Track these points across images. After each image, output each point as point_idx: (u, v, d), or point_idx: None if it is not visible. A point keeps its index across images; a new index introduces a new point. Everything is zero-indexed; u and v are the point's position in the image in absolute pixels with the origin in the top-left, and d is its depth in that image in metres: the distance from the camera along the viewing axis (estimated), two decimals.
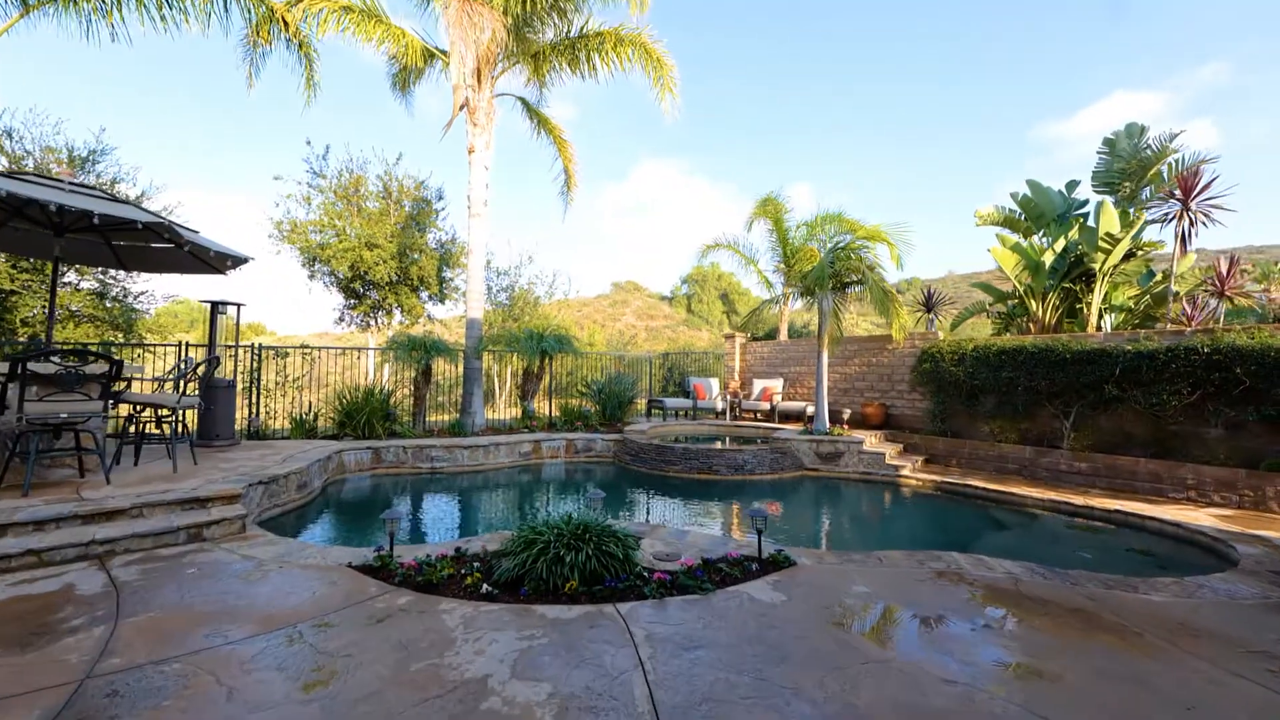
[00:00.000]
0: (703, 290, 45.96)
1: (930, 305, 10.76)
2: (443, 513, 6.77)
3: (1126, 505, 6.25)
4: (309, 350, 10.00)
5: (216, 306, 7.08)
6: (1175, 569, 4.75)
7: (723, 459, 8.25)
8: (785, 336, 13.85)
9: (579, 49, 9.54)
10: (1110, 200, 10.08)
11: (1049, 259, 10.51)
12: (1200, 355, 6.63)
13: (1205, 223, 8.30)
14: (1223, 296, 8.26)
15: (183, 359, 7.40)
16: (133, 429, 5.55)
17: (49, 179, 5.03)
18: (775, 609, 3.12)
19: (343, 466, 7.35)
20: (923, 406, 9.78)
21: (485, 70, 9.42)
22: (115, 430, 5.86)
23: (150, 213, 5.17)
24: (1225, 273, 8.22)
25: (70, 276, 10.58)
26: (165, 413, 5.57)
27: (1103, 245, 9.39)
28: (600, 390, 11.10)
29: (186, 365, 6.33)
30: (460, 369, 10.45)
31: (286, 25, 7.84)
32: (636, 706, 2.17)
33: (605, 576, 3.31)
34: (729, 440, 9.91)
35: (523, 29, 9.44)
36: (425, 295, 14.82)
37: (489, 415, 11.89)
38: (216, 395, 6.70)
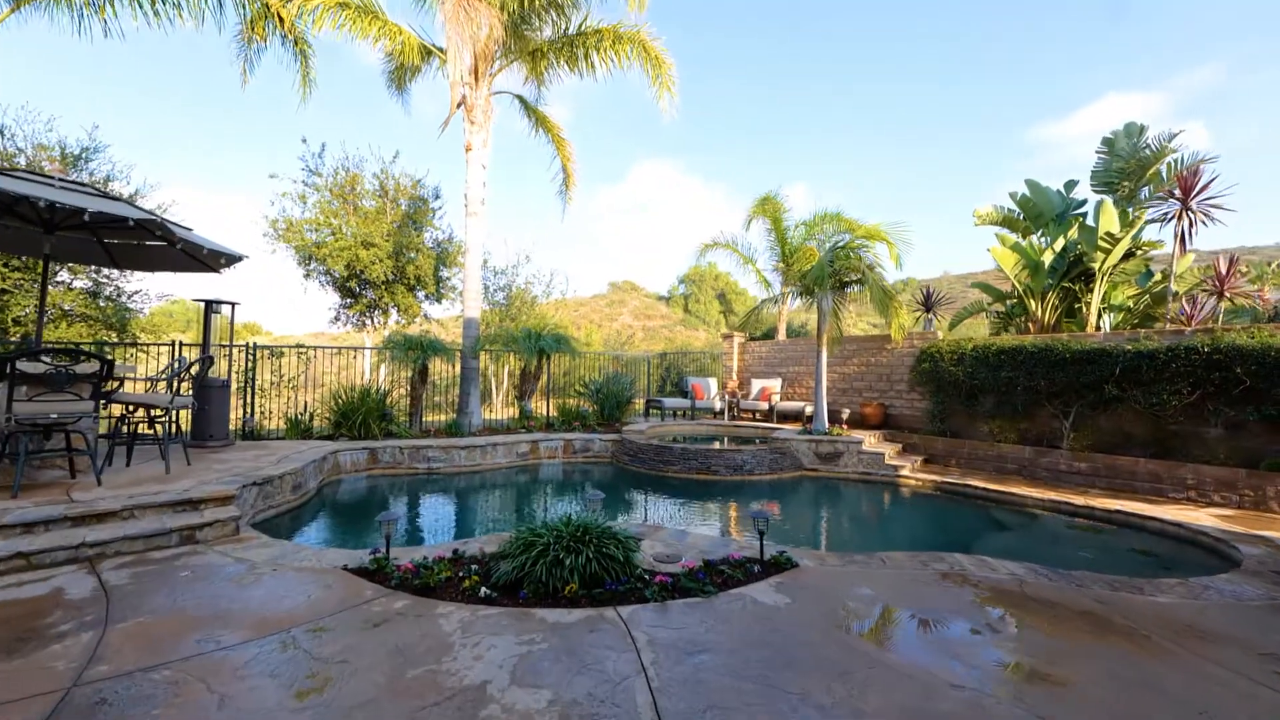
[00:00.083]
0: (700, 290, 45.98)
1: (929, 305, 10.73)
2: (440, 514, 6.71)
3: (1127, 505, 6.23)
4: (304, 350, 9.91)
5: (210, 305, 7.00)
6: (1179, 570, 4.73)
7: (721, 459, 8.21)
8: (783, 336, 13.81)
9: (577, 46, 9.47)
10: (1110, 200, 10.07)
11: (1048, 258, 10.50)
12: (1200, 355, 6.62)
13: (1205, 222, 8.30)
14: (1222, 296, 8.26)
15: (176, 358, 7.32)
16: (125, 429, 5.47)
17: (39, 175, 4.95)
18: (779, 612, 3.07)
19: (338, 467, 7.28)
20: (922, 406, 9.76)
21: (483, 67, 9.36)
22: (107, 431, 5.77)
23: (142, 210, 5.10)
24: (1225, 272, 8.21)
25: (63, 275, 10.47)
26: (158, 413, 5.50)
27: (1102, 245, 9.38)
28: (598, 390, 11.06)
29: (180, 365, 6.25)
30: (457, 369, 10.38)
31: (282, 21, 7.76)
32: (639, 714, 2.11)
33: (605, 579, 3.25)
34: (727, 440, 9.86)
35: (520, 26, 9.38)
36: (422, 294, 14.74)
37: (486, 415, 11.82)
38: (210, 395, 6.63)
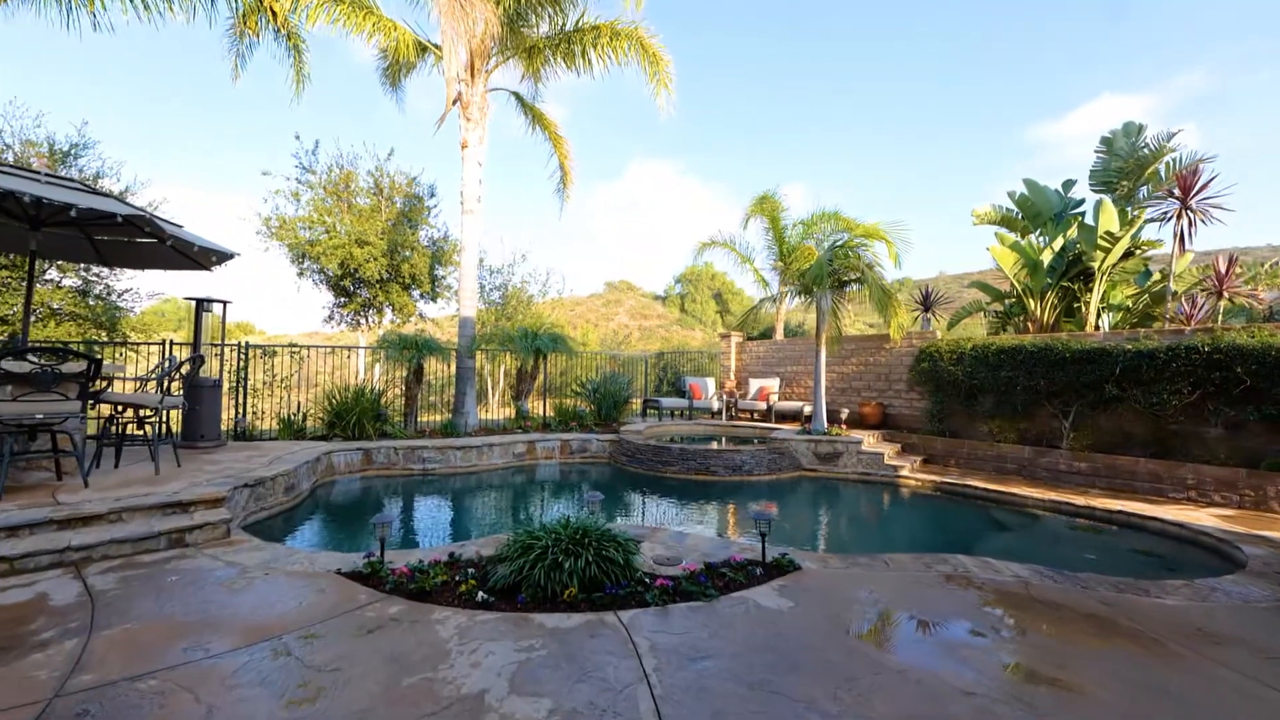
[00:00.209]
0: (696, 290, 45.94)
1: (928, 304, 10.70)
2: (435, 516, 6.62)
3: (1128, 505, 6.20)
4: (297, 349, 9.80)
5: (202, 304, 6.90)
6: (1182, 570, 4.70)
7: (720, 460, 8.15)
8: (781, 336, 13.76)
9: (574, 43, 9.39)
10: (1109, 199, 10.06)
11: (1047, 258, 10.48)
12: (1201, 354, 6.59)
13: (1205, 222, 8.28)
14: (1221, 296, 8.25)
15: (166, 358, 7.20)
16: (114, 430, 5.36)
17: (26, 170, 4.84)
18: (783, 616, 3.01)
19: (332, 468, 7.18)
20: (921, 406, 9.73)
21: (478, 64, 9.27)
22: (96, 432, 5.66)
23: (131, 206, 5.00)
24: (1224, 272, 8.21)
25: (52, 273, 10.33)
26: (147, 413, 5.39)
27: (1102, 244, 9.36)
28: (595, 390, 10.98)
29: (170, 364, 6.13)
30: (452, 368, 10.28)
31: (274, 15, 7.66)
32: None
33: (605, 583, 3.19)
34: (726, 440, 9.80)
35: (517, 22, 9.29)
36: (417, 293, 14.60)
37: (482, 415, 11.73)
38: (201, 395, 6.53)
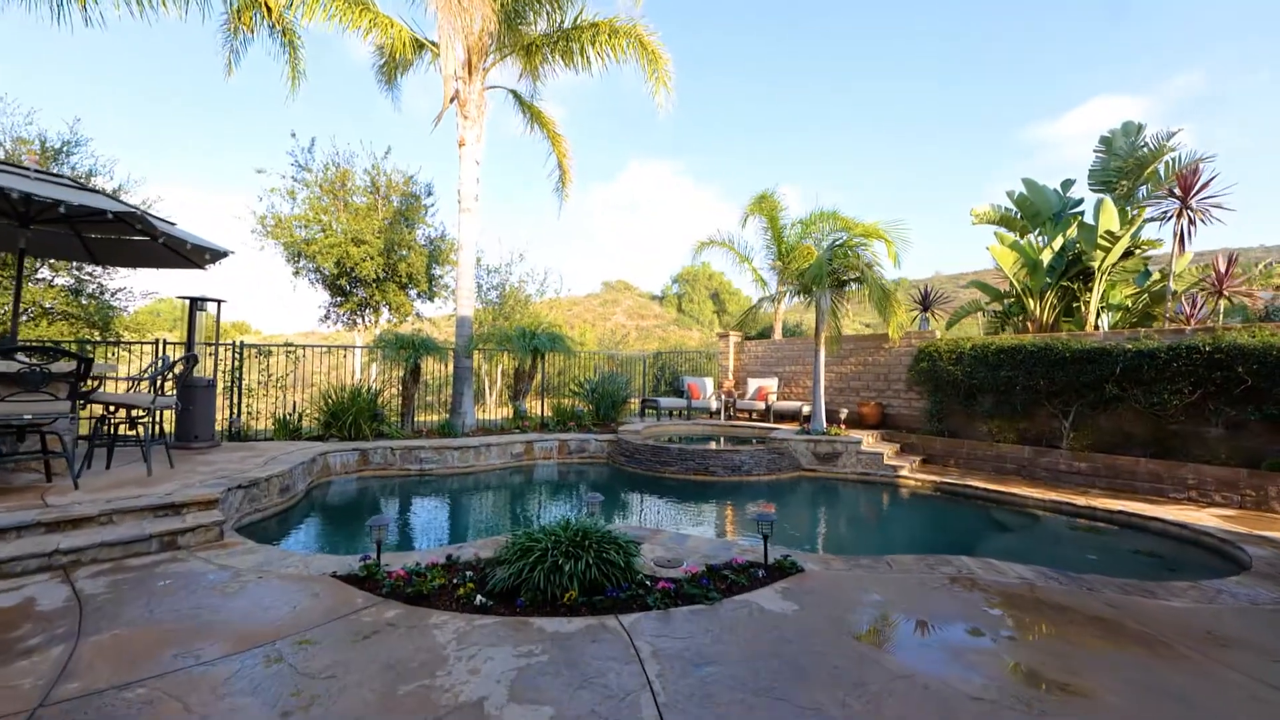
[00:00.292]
0: (693, 290, 45.87)
1: (927, 304, 10.67)
2: (433, 517, 6.55)
3: (1128, 505, 6.18)
4: (293, 349, 9.70)
5: (195, 303, 6.81)
6: (1185, 571, 4.67)
7: (719, 460, 8.10)
8: (779, 335, 13.72)
9: (572, 40, 9.32)
10: (1110, 198, 10.05)
11: (1047, 257, 10.46)
12: (1202, 354, 6.57)
13: (1205, 221, 8.27)
14: (1221, 295, 8.24)
15: (159, 357, 7.11)
16: (105, 430, 5.28)
17: (14, 167, 4.75)
18: (787, 620, 2.95)
19: (328, 469, 7.10)
20: (920, 406, 9.70)
21: (476, 61, 9.19)
22: (88, 432, 5.57)
23: (123, 203, 4.92)
24: (1224, 271, 8.20)
25: (44, 272, 10.20)
26: (140, 413, 5.32)
27: (1102, 243, 9.34)
28: (593, 390, 10.92)
29: (162, 364, 6.04)
30: (450, 368, 10.20)
31: (269, 11, 7.57)
32: None
33: (606, 586, 3.13)
34: (725, 440, 9.76)
35: (514, 20, 9.21)
36: (414, 293, 14.50)
37: (480, 415, 11.64)
38: (195, 395, 6.44)
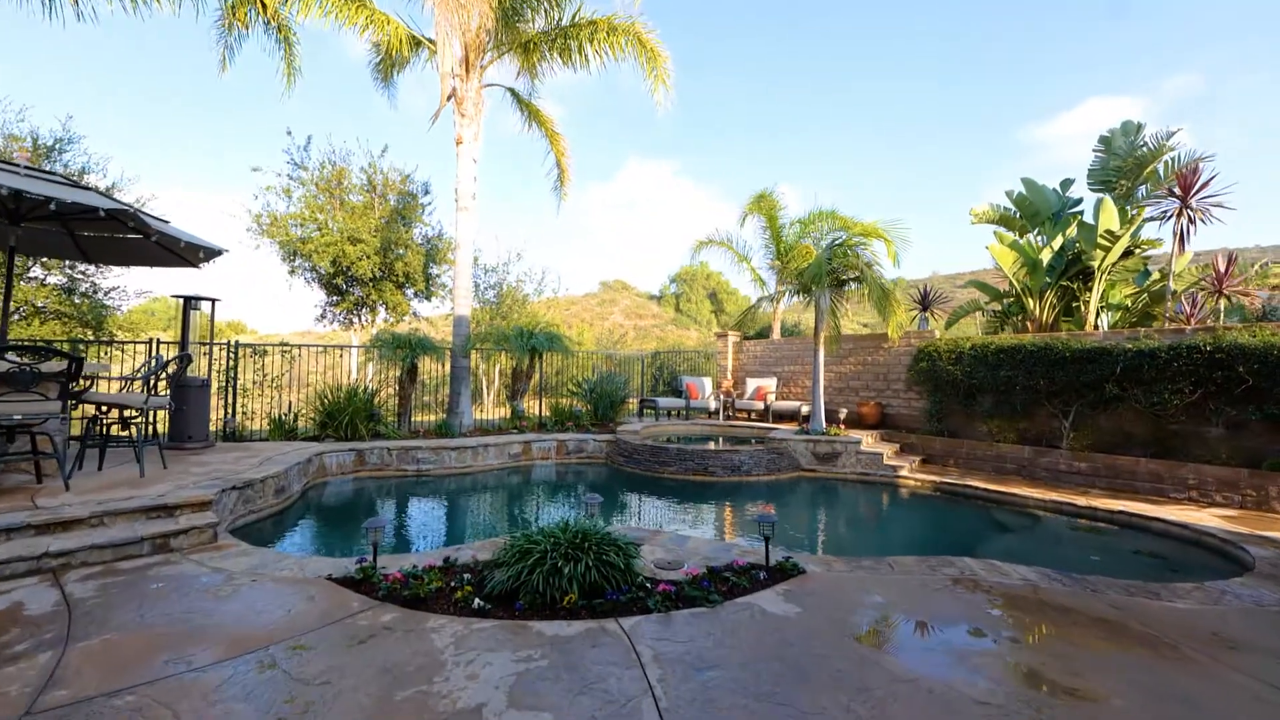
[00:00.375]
0: (691, 290, 45.80)
1: (926, 304, 10.64)
2: (430, 518, 6.50)
3: (1129, 506, 6.16)
4: (289, 348, 9.63)
5: (189, 302, 6.74)
6: (1186, 572, 4.65)
7: (718, 460, 8.06)
8: (778, 335, 13.69)
9: (570, 38, 9.27)
10: (1109, 197, 10.04)
11: (1046, 256, 10.44)
12: (1202, 354, 6.56)
13: (1205, 220, 8.26)
14: (1221, 295, 8.22)
15: (153, 356, 7.04)
16: (97, 431, 5.20)
17: (5, 163, 4.69)
18: (789, 622, 2.91)
19: (324, 469, 7.04)
20: (919, 406, 9.68)
21: (473, 59, 9.13)
22: (80, 433, 5.50)
23: (115, 200, 4.85)
24: (1224, 271, 8.18)
25: (36, 271, 10.12)
26: (132, 414, 5.24)
27: (1102, 243, 9.33)
28: (592, 389, 10.87)
29: (156, 363, 5.98)
30: (447, 368, 10.14)
31: (264, 7, 7.50)
32: None
33: (606, 588, 3.09)
34: (723, 440, 9.72)
35: (512, 17, 9.15)
36: (411, 292, 14.43)
37: (477, 415, 11.57)
38: (188, 395, 6.37)
